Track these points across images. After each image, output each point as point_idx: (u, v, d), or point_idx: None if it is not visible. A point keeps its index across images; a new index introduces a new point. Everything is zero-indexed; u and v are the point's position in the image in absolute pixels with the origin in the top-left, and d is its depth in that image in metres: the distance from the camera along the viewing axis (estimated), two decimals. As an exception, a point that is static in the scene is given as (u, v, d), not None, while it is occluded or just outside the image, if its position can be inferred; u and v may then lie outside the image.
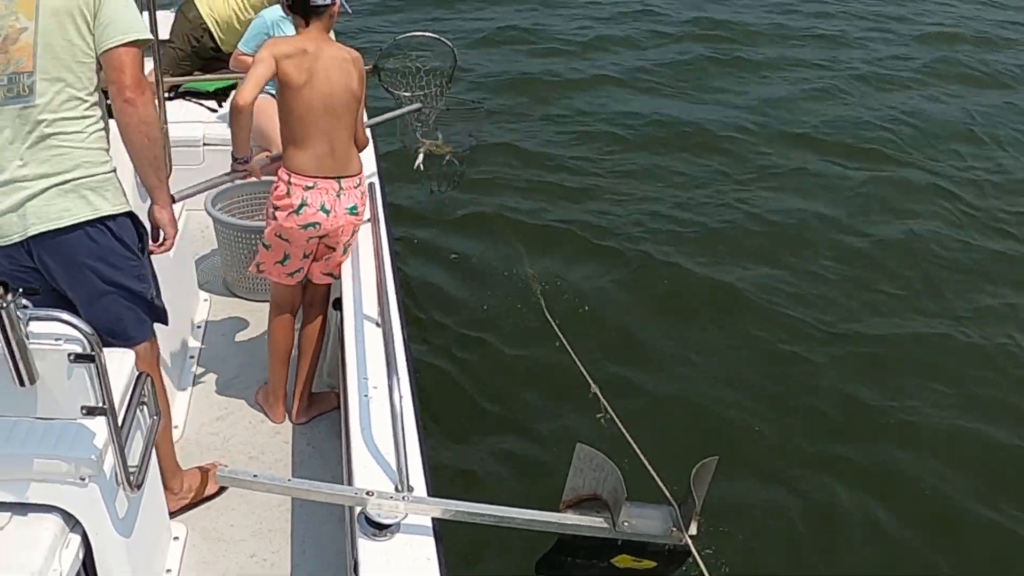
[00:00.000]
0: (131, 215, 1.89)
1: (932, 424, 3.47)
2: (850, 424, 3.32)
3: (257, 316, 2.94)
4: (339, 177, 2.21)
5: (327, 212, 2.19)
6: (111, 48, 1.68)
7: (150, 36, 1.79)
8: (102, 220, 1.78)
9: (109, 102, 1.80)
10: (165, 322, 2.05)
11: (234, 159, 2.35)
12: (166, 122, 2.50)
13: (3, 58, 1.65)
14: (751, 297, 4.35)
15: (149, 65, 2.11)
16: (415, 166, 3.12)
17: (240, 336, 2.95)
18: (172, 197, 2.02)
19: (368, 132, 2.53)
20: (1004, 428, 3.38)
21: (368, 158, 2.76)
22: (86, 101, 1.73)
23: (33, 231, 1.73)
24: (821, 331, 3.99)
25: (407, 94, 3.06)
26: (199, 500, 2.21)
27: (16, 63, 1.65)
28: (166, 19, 3.52)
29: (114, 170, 1.83)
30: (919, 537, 2.89)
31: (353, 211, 2.27)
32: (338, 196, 2.21)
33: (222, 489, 2.23)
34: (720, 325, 3.99)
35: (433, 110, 3.06)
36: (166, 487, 2.09)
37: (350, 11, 2.41)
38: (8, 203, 1.70)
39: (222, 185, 2.74)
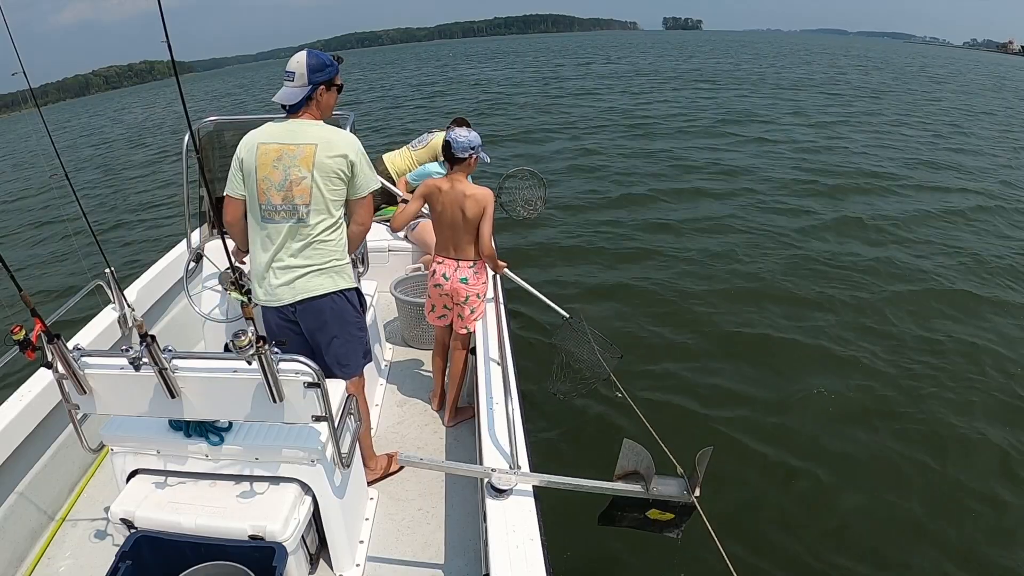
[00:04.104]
0: (357, 289, 2.20)
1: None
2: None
3: (421, 358, 3.36)
4: (457, 259, 2.66)
5: (446, 279, 2.67)
6: (359, 197, 2.07)
7: (379, 186, 2.15)
8: (340, 292, 2.10)
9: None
10: (369, 360, 2.32)
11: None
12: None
13: (289, 194, 1.97)
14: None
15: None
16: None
17: (411, 371, 3.31)
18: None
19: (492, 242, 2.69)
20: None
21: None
22: (335, 226, 2.06)
23: (298, 298, 2.06)
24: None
25: (522, 211, 3.30)
26: (387, 475, 2.50)
27: (298, 198, 1.97)
28: None
29: (350, 262, 2.14)
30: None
31: (464, 281, 2.65)
32: (455, 271, 2.66)
33: (401, 468, 2.50)
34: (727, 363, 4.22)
35: (537, 213, 3.33)
36: (365, 466, 2.35)
37: (488, 160, 2.64)
38: (283, 279, 2.04)
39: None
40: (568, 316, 3.26)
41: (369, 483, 2.41)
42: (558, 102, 17.36)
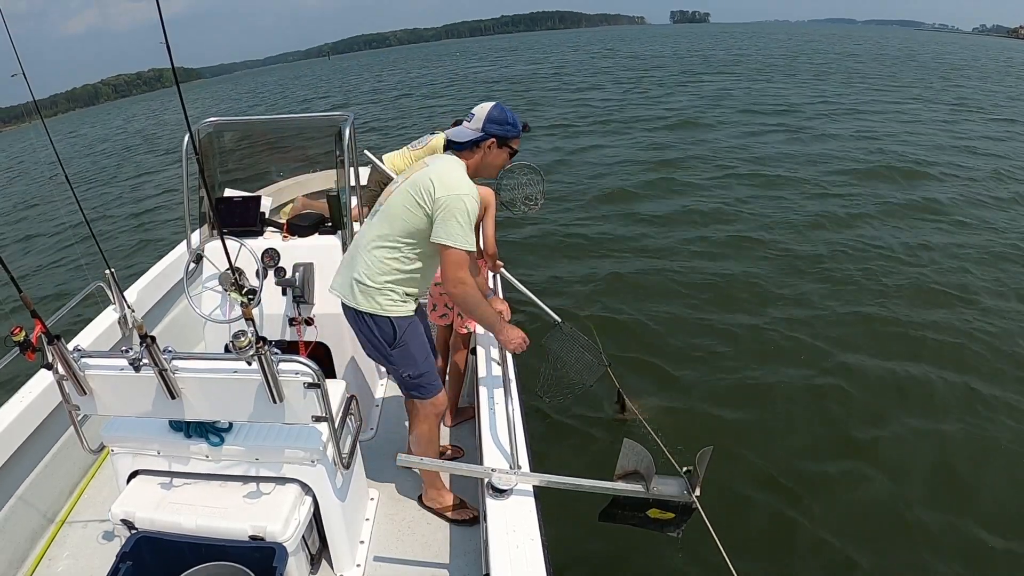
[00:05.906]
0: (389, 319, 1.99)
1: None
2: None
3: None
4: None
5: None
6: (437, 244, 1.85)
7: (465, 248, 1.84)
8: (367, 313, 2.01)
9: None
10: (423, 397, 2.12)
11: None
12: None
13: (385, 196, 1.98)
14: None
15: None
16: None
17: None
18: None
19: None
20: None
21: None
22: (391, 245, 1.93)
23: (347, 301, 2.05)
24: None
25: (523, 207, 3.19)
26: (441, 513, 2.31)
27: (384, 196, 1.99)
28: (365, 171, 3.77)
29: (390, 288, 1.96)
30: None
31: None
32: None
33: (475, 518, 2.26)
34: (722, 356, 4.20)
35: (539, 208, 3.19)
36: (426, 492, 2.31)
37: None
38: (346, 275, 2.05)
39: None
40: (559, 321, 3.22)
41: (428, 508, 2.33)
42: (582, 96, 17.24)
